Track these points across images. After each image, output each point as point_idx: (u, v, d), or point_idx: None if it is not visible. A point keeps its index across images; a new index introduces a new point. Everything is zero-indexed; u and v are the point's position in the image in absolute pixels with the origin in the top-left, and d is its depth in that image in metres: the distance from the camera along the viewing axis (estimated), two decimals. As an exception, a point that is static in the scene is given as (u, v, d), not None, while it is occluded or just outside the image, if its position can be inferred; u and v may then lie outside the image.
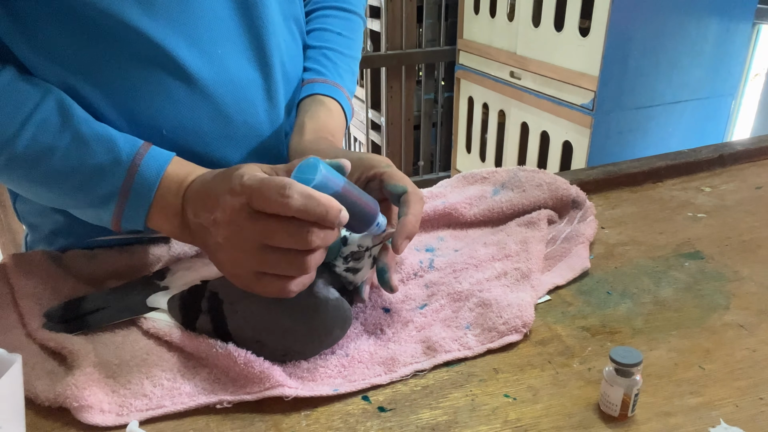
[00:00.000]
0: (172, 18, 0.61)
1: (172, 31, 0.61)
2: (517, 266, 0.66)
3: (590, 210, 0.76)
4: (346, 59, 0.80)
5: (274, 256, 0.50)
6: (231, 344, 0.54)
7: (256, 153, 0.70)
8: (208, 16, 0.63)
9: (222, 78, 0.65)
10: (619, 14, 1.75)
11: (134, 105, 0.62)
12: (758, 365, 0.55)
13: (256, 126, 0.69)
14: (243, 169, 0.52)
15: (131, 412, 0.50)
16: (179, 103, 0.63)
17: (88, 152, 0.57)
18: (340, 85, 0.76)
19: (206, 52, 0.63)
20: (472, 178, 0.84)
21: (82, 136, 0.57)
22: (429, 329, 0.59)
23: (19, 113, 0.56)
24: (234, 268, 0.53)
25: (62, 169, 0.57)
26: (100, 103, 0.61)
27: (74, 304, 0.60)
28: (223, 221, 0.51)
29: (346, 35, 0.81)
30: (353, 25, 0.83)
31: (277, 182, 0.48)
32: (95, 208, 0.59)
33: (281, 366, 0.54)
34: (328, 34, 0.80)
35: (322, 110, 0.72)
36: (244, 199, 0.49)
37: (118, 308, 0.59)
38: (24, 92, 0.57)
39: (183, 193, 0.58)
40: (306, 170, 0.51)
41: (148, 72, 0.61)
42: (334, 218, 0.49)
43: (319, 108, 0.72)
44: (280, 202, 0.48)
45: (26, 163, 0.57)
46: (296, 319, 0.55)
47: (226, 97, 0.66)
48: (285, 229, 0.49)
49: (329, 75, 0.76)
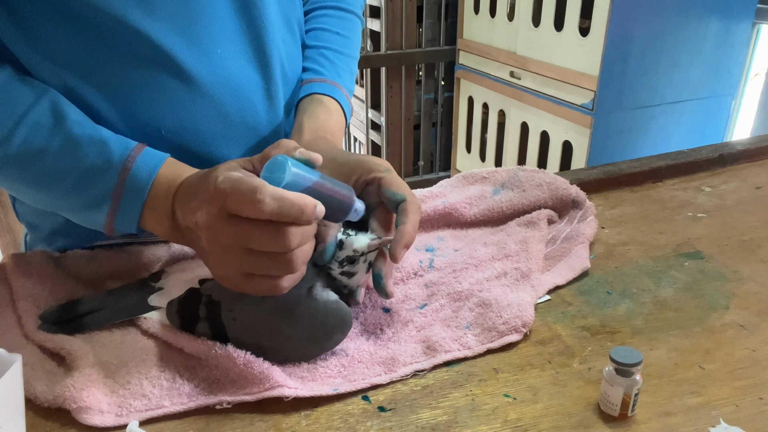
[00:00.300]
0: (172, 18, 0.60)
1: (172, 30, 0.61)
2: (517, 266, 0.66)
3: (590, 210, 0.76)
4: (344, 58, 0.80)
5: (258, 258, 0.50)
6: (230, 345, 0.54)
7: (255, 153, 0.70)
8: (207, 16, 0.63)
9: (221, 78, 0.65)
10: (619, 14, 1.75)
11: (133, 105, 0.62)
12: (758, 365, 0.54)
13: (255, 126, 0.69)
14: (218, 170, 0.51)
15: (130, 413, 0.49)
16: (178, 103, 0.63)
17: (80, 154, 0.57)
18: (338, 84, 0.76)
19: (205, 52, 0.63)
20: (472, 178, 0.84)
21: (74, 138, 0.57)
22: (429, 329, 0.59)
23: (12, 114, 0.56)
24: (221, 270, 0.53)
25: (54, 171, 0.57)
26: (99, 103, 0.61)
27: (70, 306, 0.60)
28: (203, 225, 0.51)
29: (344, 35, 0.81)
30: (351, 25, 0.83)
31: (249, 186, 0.48)
32: (88, 210, 0.59)
33: (281, 366, 0.54)
34: (327, 33, 0.80)
35: (321, 110, 0.72)
36: (220, 203, 0.49)
37: (113, 310, 0.59)
38: (18, 93, 0.57)
39: (173, 194, 0.57)
40: (275, 169, 0.50)
41: (147, 72, 0.61)
42: (309, 216, 0.49)
43: (318, 107, 0.72)
44: (253, 207, 0.47)
45: (18, 165, 0.57)
46: (296, 324, 0.55)
47: (225, 97, 0.66)
48: (263, 233, 0.49)
49: (328, 74, 0.76)
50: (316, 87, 0.74)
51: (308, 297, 0.55)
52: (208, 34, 0.63)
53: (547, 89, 2.08)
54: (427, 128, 2.95)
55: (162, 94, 0.62)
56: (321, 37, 0.79)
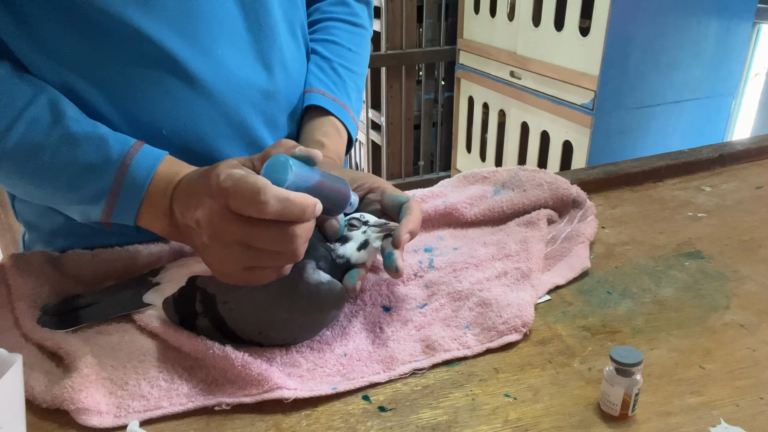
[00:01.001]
0: (172, 18, 0.61)
1: (172, 31, 0.61)
2: (517, 266, 0.66)
3: (590, 209, 0.76)
4: (354, 77, 0.80)
5: (260, 254, 0.51)
6: (228, 346, 0.54)
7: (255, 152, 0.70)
8: (208, 16, 0.63)
9: (222, 78, 0.65)
10: (619, 14, 1.75)
11: (134, 104, 0.62)
12: (759, 365, 0.54)
13: (256, 126, 0.69)
14: (219, 168, 0.51)
15: (129, 414, 0.49)
16: (179, 103, 0.63)
17: (79, 151, 0.57)
18: (348, 108, 0.77)
19: (206, 53, 0.63)
20: (473, 178, 0.84)
21: (73, 135, 0.57)
22: (428, 328, 0.59)
23: (10, 110, 0.56)
24: (222, 266, 0.52)
25: (52, 167, 0.57)
26: (100, 102, 0.61)
27: (69, 300, 0.61)
28: (204, 223, 0.51)
29: (355, 51, 0.81)
30: (362, 41, 0.83)
31: (252, 186, 0.48)
32: (85, 205, 0.59)
33: (280, 366, 0.54)
34: (339, 48, 0.80)
35: (331, 131, 0.73)
36: (222, 201, 0.49)
37: (109, 303, 0.60)
38: (16, 89, 0.57)
39: (171, 192, 0.57)
40: (276, 169, 0.50)
41: (148, 71, 0.61)
42: (311, 215, 0.50)
43: (329, 129, 0.73)
44: (256, 208, 0.47)
45: (16, 161, 0.57)
46: (292, 309, 0.55)
47: (226, 97, 0.66)
48: (266, 232, 0.49)
49: (339, 95, 0.77)
50: (327, 104, 0.75)
51: (300, 281, 0.55)
52: (209, 35, 0.63)
53: (548, 89, 2.08)
54: (427, 128, 2.95)
55: (162, 94, 0.62)
56: (333, 51, 0.79)
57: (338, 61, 0.79)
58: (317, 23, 0.82)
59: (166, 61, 0.61)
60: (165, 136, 0.64)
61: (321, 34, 0.81)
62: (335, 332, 0.59)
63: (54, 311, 0.59)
